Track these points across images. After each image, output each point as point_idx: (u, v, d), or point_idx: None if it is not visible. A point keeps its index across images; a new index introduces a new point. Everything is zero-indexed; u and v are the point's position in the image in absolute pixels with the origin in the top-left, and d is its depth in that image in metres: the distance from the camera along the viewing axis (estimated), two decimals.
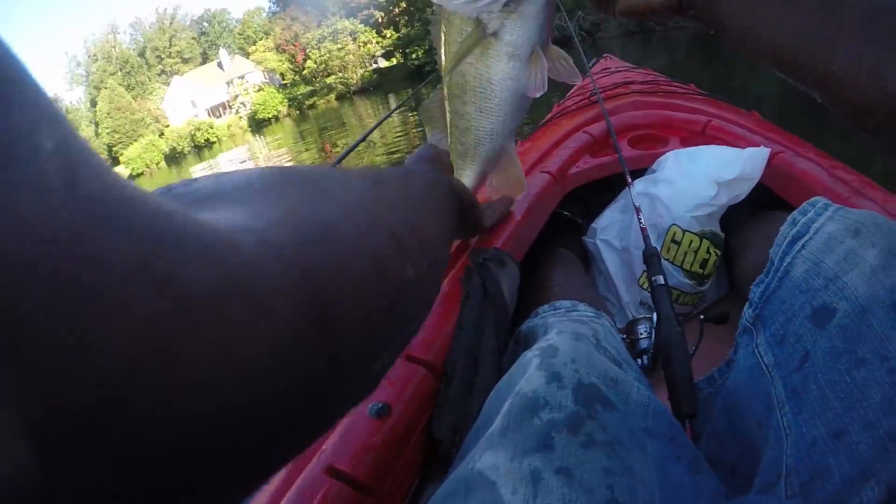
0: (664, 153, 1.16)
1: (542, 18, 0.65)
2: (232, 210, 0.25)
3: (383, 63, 45.88)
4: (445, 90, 0.76)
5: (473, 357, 0.73)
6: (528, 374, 0.53)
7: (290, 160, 13.97)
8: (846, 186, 0.94)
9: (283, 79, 49.12)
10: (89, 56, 68.51)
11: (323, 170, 0.36)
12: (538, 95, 0.69)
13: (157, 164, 44.91)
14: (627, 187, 1.02)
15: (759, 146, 1.10)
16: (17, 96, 0.13)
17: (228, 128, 47.22)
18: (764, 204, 1.07)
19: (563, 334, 0.60)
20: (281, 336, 0.22)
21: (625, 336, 0.79)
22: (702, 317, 0.80)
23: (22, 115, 0.13)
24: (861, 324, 0.47)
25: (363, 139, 1.22)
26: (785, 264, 0.58)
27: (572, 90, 2.03)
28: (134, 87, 62.87)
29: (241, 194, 0.27)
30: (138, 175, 43.42)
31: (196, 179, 0.27)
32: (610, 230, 1.12)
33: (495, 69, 0.68)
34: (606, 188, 1.22)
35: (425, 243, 0.41)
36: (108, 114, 54.25)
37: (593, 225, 1.17)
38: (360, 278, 0.30)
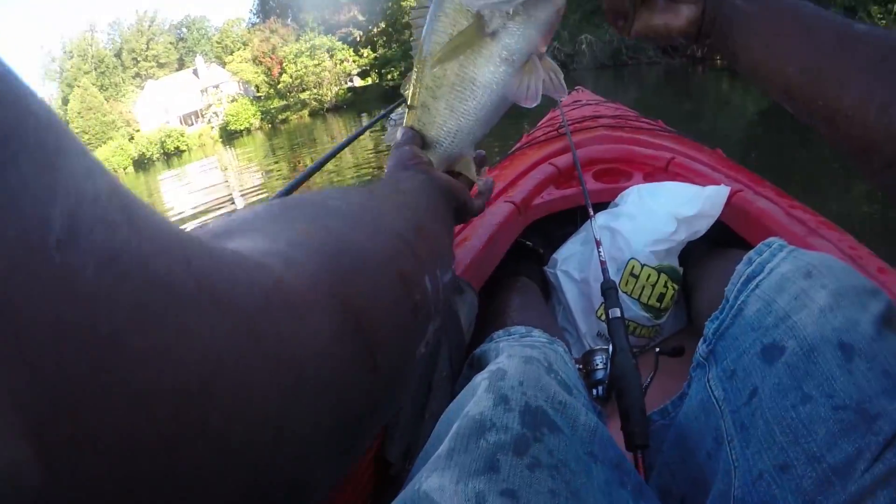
0: (627, 188, 1.19)
1: (549, 26, 0.63)
2: (251, 239, 0.26)
3: (358, 82, 46.06)
4: (414, 77, 0.71)
5: (427, 381, 0.74)
6: (476, 396, 0.53)
7: (260, 174, 13.84)
8: (802, 226, 0.98)
9: (258, 91, 48.88)
10: (65, 52, 67.27)
11: (321, 193, 0.38)
12: (531, 106, 0.65)
13: (124, 169, 43.93)
14: (589, 220, 1.04)
15: (719, 184, 1.13)
16: (74, 145, 0.15)
17: (199, 137, 46.64)
18: (722, 240, 1.11)
19: (513, 357, 0.60)
20: (323, 342, 0.23)
21: (581, 366, 0.80)
22: (657, 349, 0.81)
23: (79, 160, 0.15)
24: (808, 362, 0.49)
25: (329, 158, 1.14)
26: (739, 302, 0.60)
27: (542, 121, 2.07)
28: (107, 88, 61.82)
29: (252, 226, 0.29)
30: None
31: (207, 224, 0.29)
32: (570, 261, 1.14)
33: (483, 70, 0.65)
34: (569, 219, 1.24)
35: (430, 241, 0.44)
36: (79, 113, 53.10)
37: (554, 256, 1.18)
38: (381, 282, 0.32)
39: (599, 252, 0.95)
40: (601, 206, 1.18)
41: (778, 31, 0.50)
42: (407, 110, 0.74)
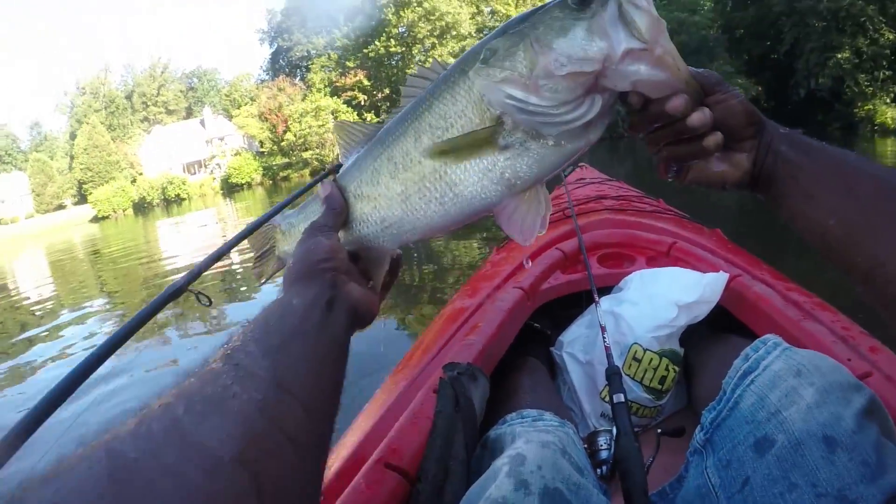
0: (631, 272, 1.24)
1: (570, 159, 0.56)
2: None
3: None
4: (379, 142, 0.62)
5: (444, 465, 0.78)
6: (497, 480, 0.57)
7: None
8: (797, 310, 1.03)
9: (262, 147, 49.58)
10: (78, 88, 68.49)
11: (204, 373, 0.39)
12: (525, 244, 0.56)
13: (124, 211, 44.10)
14: (594, 305, 1.09)
15: (719, 269, 1.19)
16: None
17: (201, 187, 47.04)
18: (723, 322, 1.16)
19: (531, 443, 0.66)
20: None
21: (586, 446, 0.83)
22: (659, 430, 0.85)
23: None
24: (795, 454, 0.56)
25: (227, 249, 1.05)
26: (735, 395, 0.67)
27: None
28: (115, 129, 62.74)
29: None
30: (104, 218, 42.45)
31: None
32: (576, 344, 1.18)
33: (471, 181, 0.56)
34: (575, 302, 1.29)
35: (307, 378, 0.43)
36: (84, 149, 53.72)
37: (561, 338, 1.23)
38: (256, 436, 0.35)
39: (604, 338, 0.99)
40: (605, 290, 1.23)
41: (820, 183, 0.52)
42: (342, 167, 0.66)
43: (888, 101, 28.86)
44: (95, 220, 42.88)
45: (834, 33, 28.82)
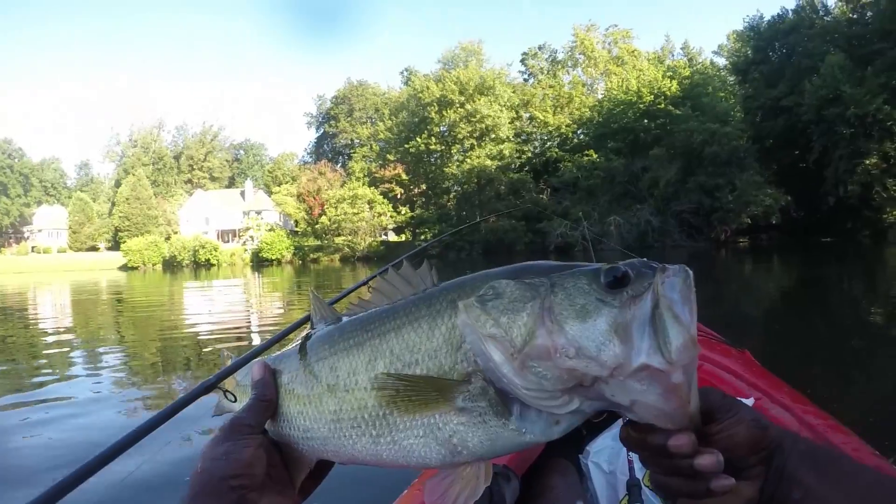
0: None
1: (523, 448, 0.50)
2: None
3: (392, 237, 47.98)
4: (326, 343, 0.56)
5: None
6: None
7: (281, 306, 14.10)
8: (811, 432, 1.13)
9: (296, 226, 51.15)
10: (130, 139, 71.96)
11: None
12: None
13: (153, 265, 45.14)
14: (623, 418, 1.20)
15: (742, 392, 1.29)
16: None
17: (231, 255, 48.12)
18: None
19: None
20: None
21: None
22: None
23: None
24: None
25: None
26: None
27: None
28: (159, 185, 65.52)
29: None
30: (133, 268, 43.38)
31: None
32: (601, 454, 1.28)
33: (413, 433, 0.49)
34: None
35: None
36: (126, 199, 56.03)
37: (588, 447, 1.32)
38: None
39: (628, 452, 1.09)
40: None
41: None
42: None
43: None
44: (124, 268, 43.97)
45: (862, 139, 29.78)
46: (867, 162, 29.18)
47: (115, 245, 54.17)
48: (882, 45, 29.84)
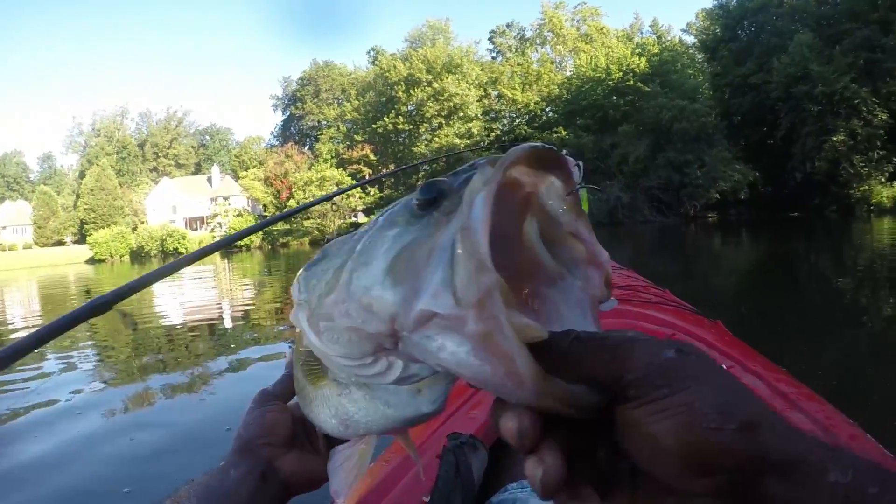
0: None
1: (403, 424, 0.45)
2: None
3: (362, 218, 47.17)
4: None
5: None
6: None
7: (252, 289, 13.94)
8: (783, 400, 1.12)
9: (265, 211, 50.26)
10: (93, 129, 69.96)
11: None
12: (335, 497, 0.54)
13: (121, 257, 44.13)
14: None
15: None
16: None
17: (199, 243, 47.11)
18: None
19: None
20: None
21: None
22: None
23: None
24: None
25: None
26: None
27: None
28: (124, 174, 63.88)
29: None
30: (100, 261, 42.35)
31: None
32: None
33: (319, 406, 0.50)
34: None
35: None
36: (91, 190, 54.43)
37: None
38: None
39: None
40: None
41: None
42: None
43: (883, 180, 29.82)
44: (91, 261, 42.80)
45: (829, 117, 30.19)
46: (834, 139, 29.83)
47: (82, 238, 52.82)
48: (850, 25, 30.36)
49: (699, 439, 0.27)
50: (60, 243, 58.02)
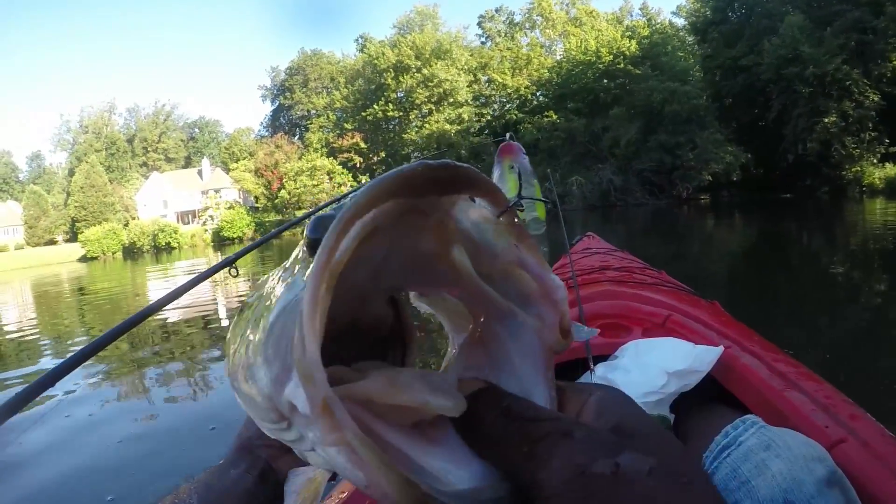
0: (627, 342, 1.32)
1: (329, 470, 0.43)
2: None
3: None
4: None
5: None
6: None
7: (245, 283, 13.88)
8: (782, 380, 1.11)
9: (256, 202, 50.05)
10: (81, 126, 69.08)
11: None
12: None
13: (113, 254, 43.80)
14: (589, 372, 1.17)
15: (711, 341, 1.27)
16: None
17: (192, 237, 46.98)
18: (713, 392, 1.22)
19: None
20: None
21: None
22: None
23: None
24: None
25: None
26: (713, 467, 0.77)
27: (553, 266, 2.22)
28: (114, 171, 63.19)
29: None
30: (93, 258, 42.01)
31: None
32: None
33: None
34: (573, 368, 1.35)
35: None
36: (81, 188, 53.80)
37: None
38: None
39: None
40: (602, 358, 1.30)
41: None
42: None
43: (875, 161, 29.89)
44: (83, 259, 42.44)
45: (820, 98, 30.03)
46: (826, 120, 29.78)
47: (74, 236, 52.19)
48: (841, 6, 30.16)
49: None
50: (52, 242, 57.48)
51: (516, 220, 0.32)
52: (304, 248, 0.33)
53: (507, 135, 2.24)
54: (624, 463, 0.23)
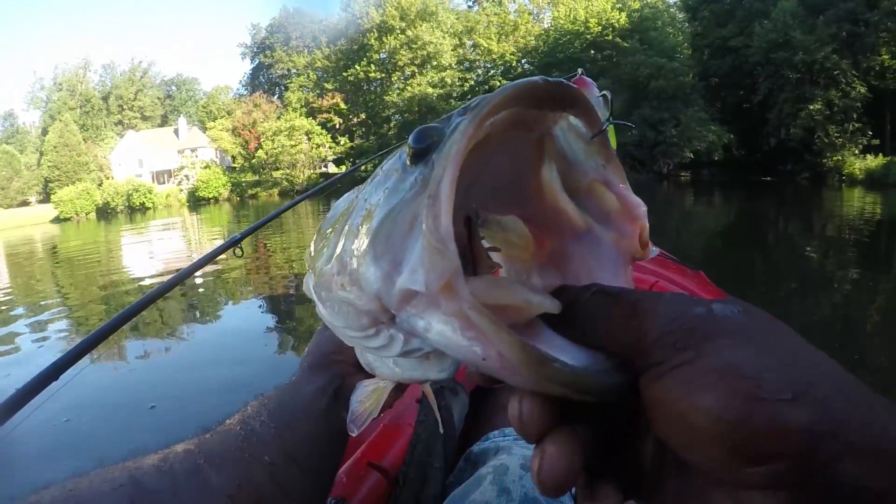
0: None
1: (406, 382, 0.47)
2: None
3: (332, 168, 46.38)
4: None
5: (423, 471, 0.81)
6: (481, 487, 0.64)
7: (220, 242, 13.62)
8: None
9: (233, 162, 49.04)
10: (55, 83, 66.84)
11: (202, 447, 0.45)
12: (350, 432, 0.52)
13: (87, 215, 42.79)
14: None
15: None
16: None
17: (167, 197, 46.02)
18: None
19: (514, 456, 0.73)
20: None
21: None
22: None
23: None
24: None
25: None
26: None
27: None
28: (88, 129, 61.34)
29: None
30: (66, 219, 41.08)
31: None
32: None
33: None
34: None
35: (312, 452, 0.51)
36: (54, 147, 52.20)
37: None
38: (263, 493, 0.44)
39: None
40: None
41: None
42: None
43: (856, 152, 30.31)
44: (56, 220, 41.41)
45: (807, 85, 30.24)
46: (811, 107, 29.97)
47: (47, 197, 50.83)
48: None
49: (741, 417, 0.21)
50: (25, 204, 55.88)
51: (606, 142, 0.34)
52: (407, 159, 0.33)
53: (579, 70, 2.25)
54: (717, 306, 0.25)
